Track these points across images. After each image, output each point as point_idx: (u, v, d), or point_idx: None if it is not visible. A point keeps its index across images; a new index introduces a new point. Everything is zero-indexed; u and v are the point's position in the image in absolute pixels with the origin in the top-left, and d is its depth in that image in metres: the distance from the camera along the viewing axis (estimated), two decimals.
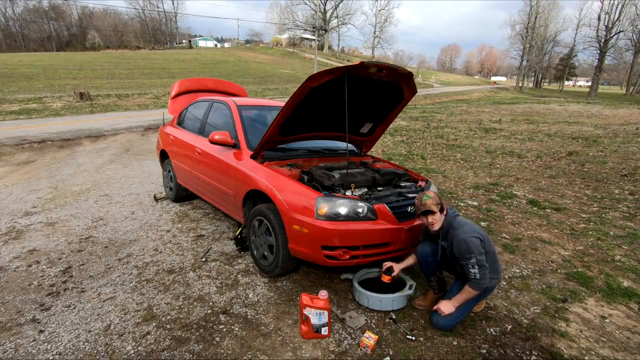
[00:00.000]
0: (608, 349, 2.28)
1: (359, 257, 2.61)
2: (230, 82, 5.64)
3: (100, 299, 2.66)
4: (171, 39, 70.92)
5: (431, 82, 51.44)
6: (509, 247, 3.64)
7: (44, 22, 58.31)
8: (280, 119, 2.85)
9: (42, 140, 8.33)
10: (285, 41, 72.24)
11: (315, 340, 2.29)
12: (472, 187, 5.69)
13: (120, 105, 16.28)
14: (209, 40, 76.99)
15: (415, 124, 13.38)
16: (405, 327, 2.43)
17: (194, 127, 4.35)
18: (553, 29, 59.31)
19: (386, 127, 3.65)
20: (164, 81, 25.31)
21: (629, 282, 3.03)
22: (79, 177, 5.90)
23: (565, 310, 2.66)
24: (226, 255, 3.40)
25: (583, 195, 5.39)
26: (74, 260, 3.22)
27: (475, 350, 2.24)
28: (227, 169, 3.41)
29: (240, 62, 42.64)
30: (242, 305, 2.63)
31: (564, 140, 10.41)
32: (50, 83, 21.47)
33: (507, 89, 56.00)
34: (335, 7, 63.10)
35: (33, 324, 2.38)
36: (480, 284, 2.24)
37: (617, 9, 45.77)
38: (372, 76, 2.74)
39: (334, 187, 2.83)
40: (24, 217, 4.16)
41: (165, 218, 4.29)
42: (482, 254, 2.24)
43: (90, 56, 38.08)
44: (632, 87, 55.47)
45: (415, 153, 8.24)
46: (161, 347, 2.20)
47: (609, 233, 4.03)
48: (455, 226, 2.34)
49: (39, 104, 14.73)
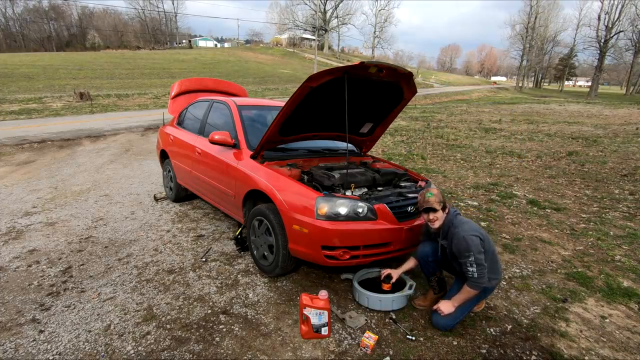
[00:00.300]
0: (608, 349, 2.28)
1: (359, 257, 2.61)
2: (230, 82, 5.64)
3: (100, 299, 2.67)
4: (171, 39, 70.94)
5: (431, 82, 51.45)
6: (509, 247, 3.64)
7: (44, 22, 58.35)
8: (280, 119, 2.85)
9: (42, 140, 8.34)
10: (285, 41, 72.25)
11: (315, 340, 2.29)
12: (472, 187, 5.69)
13: (120, 105, 16.29)
14: (209, 40, 76.99)
15: (415, 124, 13.38)
16: (405, 327, 2.43)
17: (194, 127, 4.35)
18: (553, 29, 59.49)
19: (386, 127, 3.65)
20: (164, 81, 25.31)
21: (629, 282, 3.03)
22: (79, 177, 5.90)
23: (565, 310, 2.66)
24: (226, 255, 3.40)
25: (583, 195, 5.39)
26: (74, 260, 3.22)
27: (475, 350, 2.24)
28: (227, 169, 3.41)
29: (240, 62, 42.64)
30: (242, 305, 2.63)
31: (564, 140, 10.41)
32: (50, 83, 21.47)
33: (507, 89, 56.02)
34: (335, 7, 63.17)
35: (33, 324, 2.38)
36: (478, 283, 2.24)
37: (617, 9, 45.86)
38: (372, 76, 2.74)
39: (334, 187, 2.83)
40: (24, 217, 4.16)
41: (165, 218, 4.29)
42: (481, 252, 2.24)
43: (90, 56, 38.09)
44: (632, 87, 55.47)
45: (415, 153, 8.24)
46: (161, 347, 2.20)
47: (609, 233, 4.03)
48: (455, 224, 2.34)
49: (39, 104, 14.73)
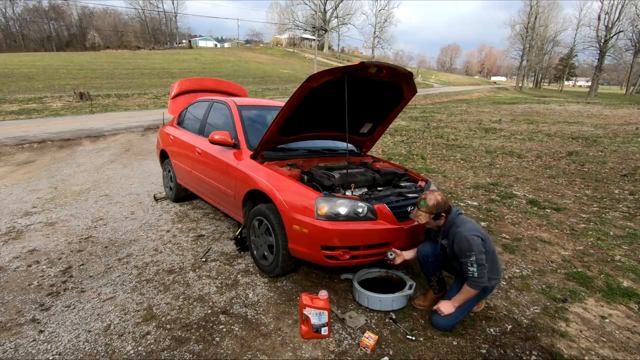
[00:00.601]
0: (608, 349, 2.28)
1: (359, 257, 2.61)
2: (230, 82, 5.64)
3: (100, 299, 2.66)
4: (171, 39, 70.93)
5: (431, 82, 51.45)
6: (509, 247, 3.64)
7: (44, 22, 58.36)
8: (280, 119, 2.85)
9: (42, 140, 8.33)
10: (285, 41, 72.26)
11: (315, 340, 2.29)
12: (472, 187, 5.69)
13: (120, 105, 16.29)
14: (209, 40, 76.97)
15: (415, 124, 13.38)
16: (405, 327, 2.43)
17: (194, 127, 4.35)
18: (553, 29, 59.53)
19: (386, 127, 3.65)
20: (163, 81, 25.30)
21: (629, 282, 3.03)
22: (78, 177, 5.90)
23: (565, 310, 2.66)
24: (226, 255, 3.40)
25: (583, 195, 5.39)
26: (73, 260, 3.22)
27: (475, 350, 2.24)
28: (227, 169, 3.41)
29: (240, 62, 42.64)
30: (242, 305, 2.63)
31: (563, 140, 10.41)
32: (50, 83, 21.46)
33: (507, 89, 56.02)
34: (335, 7, 63.21)
35: (33, 324, 2.38)
36: (478, 282, 2.24)
37: (617, 9, 45.84)
38: (372, 76, 2.74)
39: (334, 187, 2.83)
40: (23, 217, 4.16)
41: (165, 218, 4.29)
42: (482, 252, 2.24)
43: (90, 56, 38.09)
44: (632, 87, 55.48)
45: (415, 153, 8.24)
46: (161, 347, 2.20)
47: (609, 233, 4.03)
48: (457, 224, 2.34)
49: (39, 104, 14.73)
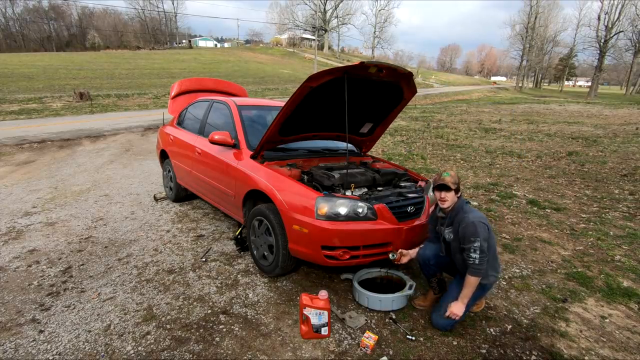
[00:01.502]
0: (608, 349, 2.28)
1: (359, 257, 2.61)
2: (230, 82, 5.64)
3: (100, 299, 2.66)
4: (171, 39, 70.91)
5: (431, 82, 51.44)
6: (509, 247, 3.64)
7: (44, 22, 58.33)
8: (280, 119, 2.85)
9: (42, 140, 8.33)
10: (285, 41, 72.25)
11: (315, 340, 2.29)
12: (472, 187, 5.69)
13: (120, 105, 16.28)
14: (208, 40, 76.96)
15: (415, 124, 13.37)
16: (405, 327, 2.44)
17: (193, 127, 4.35)
18: (553, 29, 59.54)
19: (386, 127, 3.65)
20: (163, 81, 25.29)
21: (629, 282, 3.03)
22: (78, 177, 5.90)
23: (565, 310, 2.66)
24: (226, 255, 3.40)
25: (583, 195, 5.39)
26: (73, 260, 3.22)
27: (475, 350, 2.24)
28: (227, 169, 3.41)
29: (240, 62, 42.64)
30: (242, 305, 2.63)
31: (563, 140, 10.41)
32: (50, 83, 21.45)
33: (507, 89, 56.02)
34: (335, 7, 63.20)
35: (33, 324, 2.38)
36: (479, 269, 2.24)
37: (617, 9, 45.85)
38: (372, 76, 2.74)
39: (334, 187, 2.83)
40: (23, 217, 4.16)
41: (165, 218, 4.29)
42: (486, 240, 2.26)
43: (90, 56, 38.09)
44: (632, 87, 55.48)
45: (415, 153, 8.24)
46: (161, 347, 2.20)
47: (609, 233, 4.03)
48: (465, 210, 2.38)
49: (39, 104, 14.72)
